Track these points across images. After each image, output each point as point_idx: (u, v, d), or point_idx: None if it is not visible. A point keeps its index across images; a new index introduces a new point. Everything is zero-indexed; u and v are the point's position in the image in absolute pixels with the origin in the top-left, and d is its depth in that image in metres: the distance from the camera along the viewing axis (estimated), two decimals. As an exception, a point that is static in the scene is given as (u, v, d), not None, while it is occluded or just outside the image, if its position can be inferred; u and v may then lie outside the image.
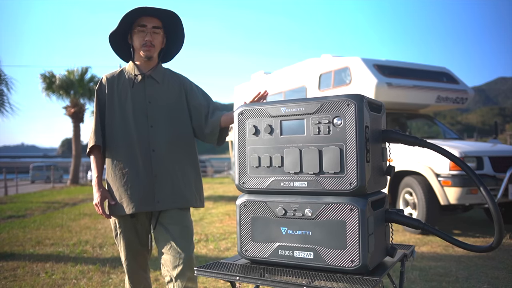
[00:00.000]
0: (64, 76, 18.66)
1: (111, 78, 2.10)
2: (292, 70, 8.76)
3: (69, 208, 9.94)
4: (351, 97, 1.27)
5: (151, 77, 2.08)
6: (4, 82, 10.77)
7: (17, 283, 3.64)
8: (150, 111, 2.05)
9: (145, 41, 2.02)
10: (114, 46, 2.14)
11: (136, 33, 2.03)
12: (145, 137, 2.02)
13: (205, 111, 2.12)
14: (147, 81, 2.08)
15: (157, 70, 2.11)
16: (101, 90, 2.10)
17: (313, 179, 1.31)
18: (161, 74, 2.12)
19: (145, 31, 2.02)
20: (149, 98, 2.06)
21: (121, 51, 2.16)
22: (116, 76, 2.11)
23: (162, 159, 2.02)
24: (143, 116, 2.04)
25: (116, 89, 2.08)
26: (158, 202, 2.00)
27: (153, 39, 2.03)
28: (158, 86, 2.09)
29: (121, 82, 2.09)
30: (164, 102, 2.08)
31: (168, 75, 2.15)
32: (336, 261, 1.27)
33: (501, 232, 1.28)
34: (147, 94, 2.06)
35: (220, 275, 1.41)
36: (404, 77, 6.73)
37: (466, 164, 1.34)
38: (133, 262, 2.10)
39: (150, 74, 2.08)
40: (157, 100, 2.07)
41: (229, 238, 5.49)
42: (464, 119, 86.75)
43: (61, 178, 26.61)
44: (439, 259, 4.19)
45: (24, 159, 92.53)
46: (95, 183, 2.04)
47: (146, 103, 2.05)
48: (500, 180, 5.16)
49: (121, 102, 2.06)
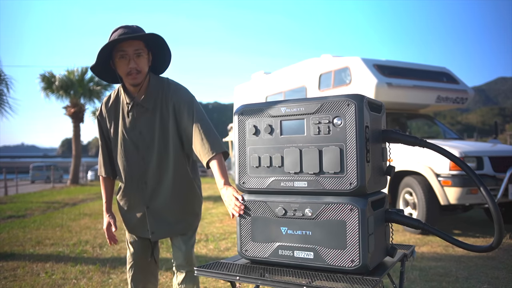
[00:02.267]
0: (64, 76, 18.66)
1: (108, 105, 2.03)
2: (292, 70, 8.76)
3: (69, 208, 9.94)
4: (351, 97, 1.27)
5: (140, 105, 1.93)
6: (4, 82, 10.77)
7: (17, 283, 3.64)
8: (141, 142, 1.96)
9: (129, 68, 1.84)
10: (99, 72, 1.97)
11: (117, 60, 1.86)
12: (138, 170, 1.99)
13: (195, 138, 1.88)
14: (137, 109, 1.94)
15: (148, 94, 1.93)
16: (102, 118, 2.05)
17: (313, 179, 1.31)
18: (153, 98, 1.94)
19: (127, 58, 1.84)
20: (140, 128, 1.95)
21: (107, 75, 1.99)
22: (113, 101, 2.02)
23: (154, 192, 1.99)
24: (135, 148, 1.98)
25: (113, 117, 2.02)
26: (152, 233, 2.02)
27: (138, 65, 1.85)
28: (148, 114, 1.94)
29: (117, 108, 2.01)
30: (154, 131, 1.94)
31: (161, 97, 1.94)
32: (336, 261, 1.27)
33: (501, 232, 1.28)
34: (137, 124, 1.95)
35: (220, 275, 1.41)
36: (404, 77, 6.73)
37: (466, 164, 1.34)
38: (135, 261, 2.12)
39: (140, 102, 1.93)
40: (148, 130, 1.95)
41: (229, 238, 5.49)
42: (464, 119, 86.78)
43: (61, 178, 26.62)
44: (439, 259, 4.19)
45: (24, 159, 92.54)
46: (104, 208, 2.10)
47: (137, 134, 1.96)
48: (500, 180, 5.16)
49: (118, 132, 2.01)
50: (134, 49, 1.84)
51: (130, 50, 1.83)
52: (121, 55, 1.84)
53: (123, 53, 1.84)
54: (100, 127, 2.07)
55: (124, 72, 1.86)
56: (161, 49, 1.95)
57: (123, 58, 1.84)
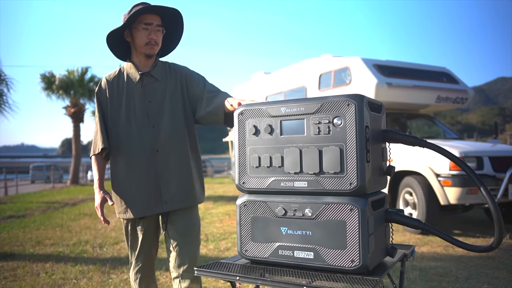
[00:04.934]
0: (64, 76, 18.66)
1: (110, 80, 2.08)
2: (292, 70, 8.76)
3: (69, 208, 9.94)
4: (351, 97, 1.27)
5: (150, 75, 2.05)
6: (4, 82, 10.77)
7: (17, 283, 3.64)
8: (151, 110, 2.02)
9: (149, 39, 1.98)
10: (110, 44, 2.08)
11: (139, 31, 1.98)
12: (148, 138, 2.00)
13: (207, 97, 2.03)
14: (146, 79, 2.04)
15: (156, 67, 2.07)
16: (101, 93, 2.08)
17: (313, 179, 1.31)
18: (160, 70, 2.08)
19: (149, 29, 1.97)
20: (149, 98, 2.03)
21: (117, 48, 2.11)
22: (116, 77, 2.08)
23: (166, 159, 2.00)
24: (145, 117, 2.01)
25: (116, 91, 2.05)
26: (165, 203, 1.99)
27: (157, 38, 2.00)
28: (158, 84, 2.05)
29: (120, 82, 2.06)
30: (164, 99, 2.04)
31: (167, 70, 2.10)
32: (336, 261, 1.27)
33: (501, 232, 1.28)
34: (146, 94, 2.03)
35: (220, 275, 1.41)
36: (404, 77, 6.73)
37: (466, 164, 1.34)
38: (143, 263, 2.08)
39: (149, 72, 2.05)
40: (157, 99, 2.03)
41: (229, 238, 5.49)
42: (464, 119, 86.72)
43: (61, 178, 26.62)
44: (439, 259, 4.19)
45: (24, 159, 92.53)
46: (96, 186, 2.03)
47: (147, 103, 2.02)
48: (500, 180, 5.16)
49: (121, 104, 2.03)
50: (156, 24, 1.99)
51: (154, 23, 1.98)
52: (145, 26, 1.96)
53: (147, 25, 1.97)
54: (99, 102, 2.08)
55: (143, 42, 1.98)
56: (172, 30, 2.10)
57: (146, 30, 1.97)
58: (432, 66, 7.52)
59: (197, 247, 2.05)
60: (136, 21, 1.98)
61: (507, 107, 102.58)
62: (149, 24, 1.97)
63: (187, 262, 1.97)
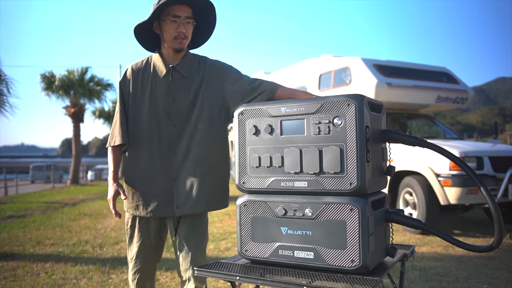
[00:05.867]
0: (64, 76, 18.67)
1: (136, 70, 1.97)
2: (292, 70, 8.76)
3: (69, 208, 9.94)
4: (351, 97, 1.27)
5: (177, 71, 1.93)
6: (4, 82, 10.77)
7: (17, 283, 3.64)
8: (174, 109, 1.91)
9: (178, 32, 1.86)
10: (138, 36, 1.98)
11: (167, 23, 1.86)
12: (167, 138, 1.91)
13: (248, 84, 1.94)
14: (173, 75, 1.93)
15: (184, 62, 1.95)
16: (124, 83, 1.98)
17: (313, 179, 1.31)
18: (189, 66, 1.95)
19: (177, 22, 1.85)
20: (173, 95, 1.92)
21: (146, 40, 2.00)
22: (142, 68, 1.97)
23: (182, 162, 1.90)
24: (166, 115, 1.91)
25: (140, 83, 1.95)
26: (177, 208, 1.90)
27: (186, 31, 1.88)
28: (185, 80, 1.93)
29: (146, 74, 1.95)
30: (189, 98, 1.92)
31: (198, 65, 1.98)
32: (336, 261, 1.27)
33: (501, 232, 1.28)
34: (171, 90, 1.92)
35: (220, 275, 1.41)
36: (404, 77, 6.73)
37: (466, 164, 1.34)
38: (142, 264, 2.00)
39: (177, 68, 1.93)
40: (182, 97, 1.92)
41: (229, 238, 5.49)
42: (464, 119, 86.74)
43: (61, 178, 26.65)
44: (439, 259, 4.19)
45: (24, 159, 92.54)
46: (110, 178, 1.93)
47: (170, 100, 1.92)
48: (500, 180, 5.16)
49: (144, 98, 1.93)
50: (186, 15, 1.87)
51: (182, 15, 1.86)
52: (173, 19, 1.86)
53: (175, 17, 1.85)
54: (121, 92, 1.98)
55: (172, 36, 1.88)
56: (203, 21, 1.97)
57: (174, 22, 1.86)
58: (432, 66, 7.52)
59: (202, 252, 2.00)
60: (164, 12, 1.87)
61: (507, 107, 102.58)
62: (177, 16, 1.85)
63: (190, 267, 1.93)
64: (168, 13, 1.86)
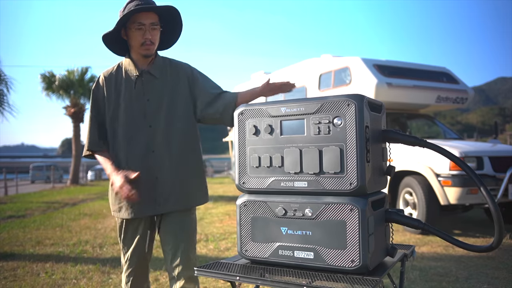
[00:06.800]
0: (64, 76, 18.67)
1: (108, 76, 2.01)
2: (292, 70, 8.76)
3: (69, 208, 9.94)
4: (351, 97, 1.27)
5: (149, 73, 1.99)
6: (4, 82, 10.77)
7: (17, 283, 3.64)
8: (149, 109, 1.96)
9: (144, 39, 1.91)
10: (107, 42, 2.02)
11: (133, 31, 1.91)
12: (144, 138, 1.95)
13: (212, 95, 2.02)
14: (145, 77, 1.98)
15: (155, 64, 2.01)
16: (98, 90, 2.02)
17: (313, 179, 1.31)
18: (160, 68, 2.02)
19: (143, 29, 1.90)
20: (148, 96, 1.97)
21: (114, 45, 2.04)
22: (114, 73, 2.02)
23: (162, 160, 1.95)
24: (141, 116, 1.96)
25: (114, 87, 1.99)
26: (159, 205, 1.94)
27: (152, 37, 1.92)
28: (157, 81, 1.99)
29: (118, 79, 2.00)
30: (163, 98, 1.98)
31: (168, 67, 2.04)
32: (336, 261, 1.27)
33: (501, 232, 1.28)
34: (145, 91, 1.97)
35: (220, 275, 1.41)
36: (404, 77, 6.73)
37: (466, 164, 1.34)
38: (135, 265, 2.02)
39: (148, 70, 1.99)
40: (156, 97, 1.98)
41: (229, 238, 5.49)
42: (464, 119, 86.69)
43: (61, 178, 26.65)
44: (439, 259, 4.19)
45: (24, 159, 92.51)
46: (111, 171, 1.91)
47: (145, 101, 1.97)
48: (500, 180, 5.16)
49: (119, 102, 1.98)
50: (151, 22, 1.91)
51: (147, 22, 1.91)
52: (138, 27, 1.90)
53: (140, 25, 1.90)
54: (95, 99, 2.02)
55: (139, 43, 1.93)
56: (171, 24, 2.03)
57: (139, 30, 1.91)
58: (432, 66, 7.52)
59: (192, 248, 1.99)
60: (130, 20, 1.91)
61: (507, 107, 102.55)
62: (142, 24, 1.90)
63: (180, 263, 1.93)
64: (133, 21, 1.91)
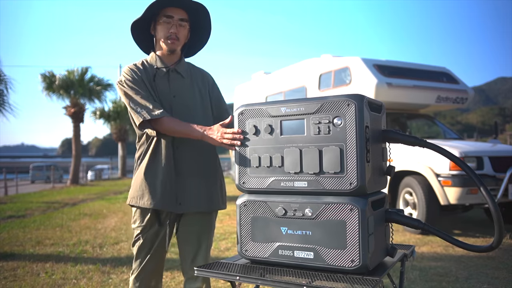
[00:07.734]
0: (64, 76, 18.68)
1: (136, 68, 1.95)
2: (292, 70, 8.76)
3: (69, 208, 9.94)
4: (351, 97, 1.27)
5: (176, 71, 1.97)
6: (4, 82, 10.77)
7: (17, 283, 3.64)
8: (175, 106, 1.92)
9: (170, 33, 1.90)
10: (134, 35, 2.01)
11: (161, 23, 1.90)
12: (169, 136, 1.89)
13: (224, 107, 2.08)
14: (172, 75, 1.96)
15: (181, 64, 2.00)
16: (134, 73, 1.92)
17: (313, 179, 1.31)
18: (185, 68, 2.01)
19: (170, 23, 1.89)
20: (174, 93, 1.94)
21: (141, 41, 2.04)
22: (141, 67, 1.96)
23: (185, 158, 1.90)
24: (168, 111, 1.89)
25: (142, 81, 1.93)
26: (179, 204, 1.88)
27: (178, 32, 1.91)
28: (183, 80, 1.98)
29: (146, 73, 1.95)
30: (188, 97, 1.97)
31: (191, 70, 2.05)
32: (336, 261, 1.27)
33: (501, 232, 1.28)
34: (171, 88, 1.95)
35: (220, 275, 1.41)
36: (404, 77, 6.73)
37: (466, 164, 1.34)
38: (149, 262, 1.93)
39: (175, 68, 1.97)
40: (182, 95, 1.95)
41: (229, 238, 5.49)
42: (464, 119, 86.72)
43: (61, 178, 26.65)
44: (439, 259, 4.19)
45: (24, 159, 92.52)
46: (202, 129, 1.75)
47: (171, 98, 1.93)
48: (500, 180, 5.16)
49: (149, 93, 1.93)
50: (179, 17, 1.91)
51: (176, 17, 1.90)
52: (166, 20, 1.90)
53: (168, 19, 1.90)
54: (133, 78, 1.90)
55: (164, 36, 1.91)
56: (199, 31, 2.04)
57: (167, 23, 1.90)
58: (432, 66, 7.52)
59: (209, 251, 1.99)
60: (160, 14, 1.91)
61: (507, 107, 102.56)
62: (170, 17, 1.89)
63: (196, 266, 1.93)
64: (163, 14, 1.91)
